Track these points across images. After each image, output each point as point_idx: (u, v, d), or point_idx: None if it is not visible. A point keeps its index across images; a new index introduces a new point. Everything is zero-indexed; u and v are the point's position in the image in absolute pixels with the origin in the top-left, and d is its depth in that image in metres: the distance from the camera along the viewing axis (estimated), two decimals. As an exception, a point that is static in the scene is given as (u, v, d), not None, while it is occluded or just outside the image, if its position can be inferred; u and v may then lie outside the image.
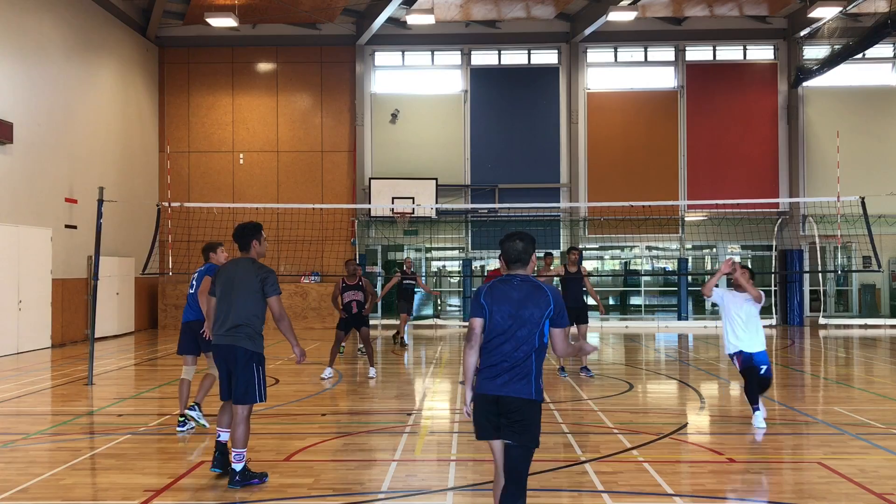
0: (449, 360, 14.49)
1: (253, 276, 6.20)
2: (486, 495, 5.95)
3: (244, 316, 6.19)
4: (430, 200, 22.23)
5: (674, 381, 12.05)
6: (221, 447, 6.43)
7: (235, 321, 6.18)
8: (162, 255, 19.06)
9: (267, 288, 6.21)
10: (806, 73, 23.36)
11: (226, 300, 6.24)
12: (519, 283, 4.65)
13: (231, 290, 6.23)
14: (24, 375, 12.68)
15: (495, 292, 4.63)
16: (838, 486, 6.12)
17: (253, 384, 6.16)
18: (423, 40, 24.27)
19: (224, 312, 6.23)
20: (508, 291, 4.61)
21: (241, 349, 6.15)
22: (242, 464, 6.10)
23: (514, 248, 4.71)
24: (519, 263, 4.71)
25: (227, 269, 6.40)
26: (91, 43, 19.79)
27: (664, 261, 26.01)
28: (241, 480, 6.08)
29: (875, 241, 13.37)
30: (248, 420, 6.19)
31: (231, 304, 6.21)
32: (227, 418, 6.40)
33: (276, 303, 6.24)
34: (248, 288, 6.19)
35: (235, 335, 6.17)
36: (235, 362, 6.16)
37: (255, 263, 6.33)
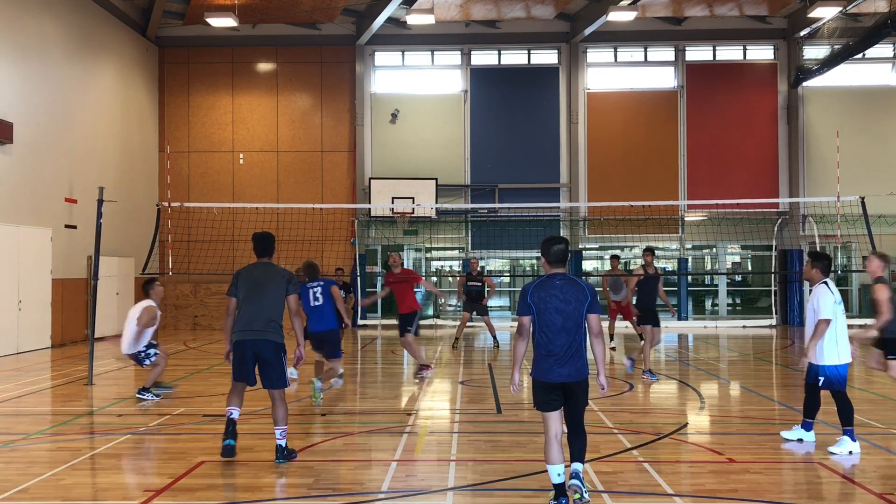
0: (449, 360, 14.49)
1: (280, 278, 6.99)
2: (487, 495, 5.95)
3: (275, 313, 6.94)
4: (430, 200, 22.23)
5: (674, 381, 12.05)
6: (233, 423, 7.03)
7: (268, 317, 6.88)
8: (162, 255, 19.05)
9: (290, 287, 7.01)
10: (806, 73, 23.35)
11: (254, 299, 6.91)
12: (560, 281, 5.44)
13: (261, 290, 6.93)
14: (24, 375, 12.68)
15: (541, 292, 5.42)
16: (838, 486, 6.12)
17: (284, 371, 6.96)
18: (423, 40, 24.27)
19: (253, 310, 6.89)
20: (553, 290, 5.41)
21: (271, 342, 6.87)
22: (285, 440, 6.84)
23: (559, 250, 5.50)
24: (559, 263, 5.51)
25: (251, 271, 7.08)
26: (91, 43, 19.79)
27: (664, 261, 26.00)
28: (289, 454, 6.84)
29: (875, 241, 13.36)
30: (285, 400, 7.01)
31: (261, 303, 6.90)
32: (238, 399, 7.11)
33: (294, 301, 7.05)
34: (277, 288, 6.95)
35: (266, 330, 6.86)
36: (266, 354, 6.85)
37: (278, 266, 7.14)
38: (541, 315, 5.40)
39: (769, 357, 15.51)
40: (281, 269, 7.06)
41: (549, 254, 5.51)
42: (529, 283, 5.54)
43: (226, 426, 7.03)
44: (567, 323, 5.38)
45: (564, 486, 5.42)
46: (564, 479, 5.44)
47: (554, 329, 5.38)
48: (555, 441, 5.44)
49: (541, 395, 5.50)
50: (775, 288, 23.51)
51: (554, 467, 5.42)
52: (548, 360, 5.42)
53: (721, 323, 23.34)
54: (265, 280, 6.98)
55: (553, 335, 5.39)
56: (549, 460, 5.45)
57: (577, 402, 5.50)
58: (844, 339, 7.35)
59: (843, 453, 7.08)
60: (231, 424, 7.03)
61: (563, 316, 5.37)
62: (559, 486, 5.43)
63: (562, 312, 5.37)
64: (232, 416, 7.05)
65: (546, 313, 5.38)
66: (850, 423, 7.19)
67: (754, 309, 25.15)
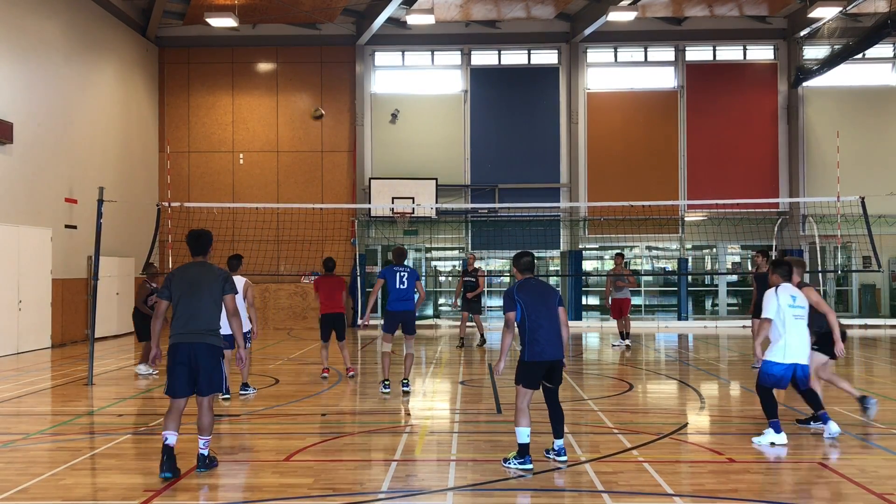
0: (449, 360, 14.49)
1: (217, 277, 6.61)
2: (486, 495, 5.95)
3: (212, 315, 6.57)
4: (430, 200, 22.24)
5: (674, 381, 12.05)
6: (169, 451, 6.30)
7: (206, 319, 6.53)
8: (162, 255, 19.08)
9: (227, 286, 6.63)
10: (806, 73, 23.36)
11: (189, 302, 6.50)
12: (535, 283, 6.82)
13: (197, 292, 6.52)
14: (24, 375, 12.68)
15: (524, 293, 6.68)
16: (838, 486, 6.12)
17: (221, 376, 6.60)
18: (423, 40, 24.27)
19: (187, 313, 6.49)
20: (532, 290, 6.74)
21: (208, 346, 6.49)
22: (207, 450, 6.55)
23: (528, 261, 6.90)
24: (529, 271, 6.90)
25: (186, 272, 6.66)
26: (91, 43, 19.79)
27: (664, 261, 26.01)
28: (210, 464, 6.55)
29: (875, 241, 13.38)
30: (212, 408, 6.61)
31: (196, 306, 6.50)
32: (176, 423, 6.39)
33: (231, 301, 6.68)
34: (212, 290, 6.56)
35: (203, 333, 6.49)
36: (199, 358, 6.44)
37: (214, 266, 6.75)
38: (529, 309, 6.62)
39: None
40: (217, 269, 6.68)
41: (521, 264, 6.89)
42: (512, 285, 6.77)
43: (161, 454, 6.30)
44: (549, 313, 6.68)
45: (529, 445, 6.62)
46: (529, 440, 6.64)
47: (541, 318, 6.63)
48: (527, 409, 6.68)
49: (533, 375, 6.69)
50: (775, 288, 23.46)
51: (524, 429, 6.58)
52: (540, 343, 6.62)
53: (721, 323, 23.33)
54: (201, 280, 6.54)
55: (542, 322, 6.63)
56: (523, 424, 6.59)
57: (558, 379, 6.83)
58: (795, 342, 7.57)
59: (764, 443, 7.44)
60: (167, 451, 6.28)
61: (545, 308, 6.67)
62: (526, 445, 6.58)
63: (544, 305, 6.67)
64: (168, 442, 6.29)
65: (533, 307, 6.63)
66: (774, 415, 7.56)
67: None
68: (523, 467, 6.52)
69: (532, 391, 6.71)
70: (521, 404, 6.66)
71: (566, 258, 23.99)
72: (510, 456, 6.68)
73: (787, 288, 7.71)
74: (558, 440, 6.82)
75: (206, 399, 6.54)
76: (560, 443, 6.82)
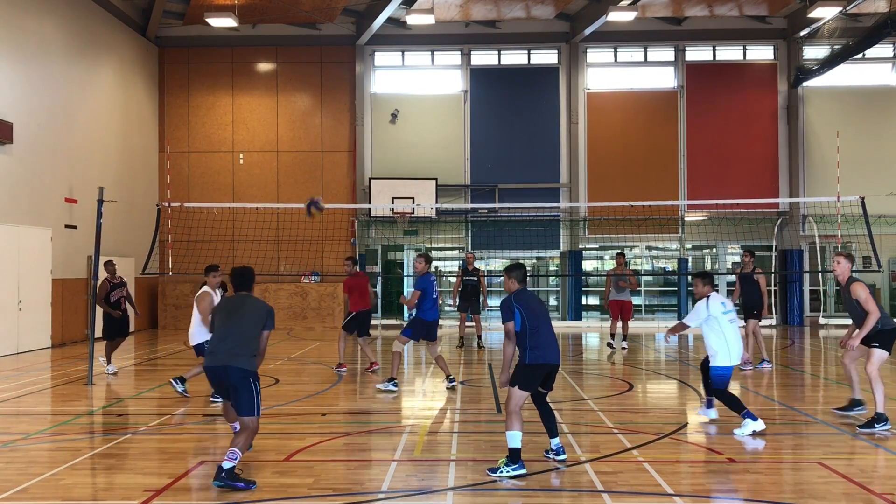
0: (448, 361, 14.48)
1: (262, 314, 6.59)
2: (486, 495, 5.95)
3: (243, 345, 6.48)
4: (430, 200, 22.24)
5: (674, 381, 12.05)
6: None
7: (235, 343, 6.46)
8: (162, 256, 19.09)
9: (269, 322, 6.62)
10: (806, 73, 23.35)
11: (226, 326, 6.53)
12: (529, 293, 6.92)
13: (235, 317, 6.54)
14: (24, 375, 12.68)
15: (522, 301, 6.74)
16: (838, 486, 6.12)
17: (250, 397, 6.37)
18: (423, 40, 24.27)
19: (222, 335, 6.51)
20: (531, 300, 6.83)
21: (236, 368, 6.35)
22: (233, 464, 6.11)
23: (523, 273, 6.95)
24: (523, 283, 6.94)
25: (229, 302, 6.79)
26: (91, 43, 19.79)
27: (664, 261, 26.01)
28: (227, 478, 6.05)
29: (875, 241, 13.37)
30: (254, 433, 6.42)
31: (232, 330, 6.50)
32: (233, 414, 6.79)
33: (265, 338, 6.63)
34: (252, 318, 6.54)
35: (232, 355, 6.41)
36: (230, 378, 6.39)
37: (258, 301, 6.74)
38: (529, 314, 6.69)
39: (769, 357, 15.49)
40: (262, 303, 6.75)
41: (518, 275, 6.91)
42: (509, 296, 6.81)
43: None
44: (546, 320, 6.84)
45: (521, 450, 6.49)
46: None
47: (541, 323, 6.75)
48: (520, 413, 6.61)
49: (534, 378, 6.71)
50: (775, 288, 23.50)
51: (517, 434, 6.45)
52: (542, 347, 6.68)
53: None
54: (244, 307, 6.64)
55: (542, 327, 6.74)
56: (516, 427, 6.46)
57: (552, 382, 6.97)
58: (735, 344, 8.27)
59: (747, 434, 7.77)
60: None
61: (543, 314, 6.83)
62: (519, 450, 6.44)
63: (541, 311, 6.84)
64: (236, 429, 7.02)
65: (534, 313, 6.73)
66: (742, 408, 7.99)
67: (754, 309, 25.12)
68: (516, 473, 6.33)
69: (527, 394, 6.67)
70: (515, 407, 6.57)
71: (566, 258, 24.00)
72: (500, 463, 6.44)
73: (716, 297, 8.40)
74: (554, 439, 6.86)
75: (246, 420, 6.37)
76: (557, 441, 6.85)
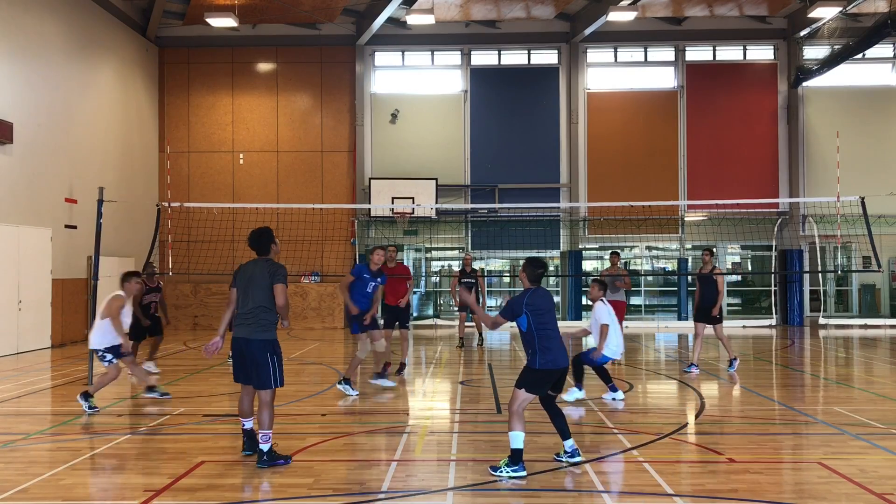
0: (449, 360, 14.48)
1: (266, 273, 6.80)
2: (487, 495, 5.95)
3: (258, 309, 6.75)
4: (430, 200, 22.24)
5: (674, 381, 12.05)
6: (249, 433, 7.09)
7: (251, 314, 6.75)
8: (162, 256, 19.07)
9: (276, 277, 6.76)
10: (806, 73, 23.36)
11: (244, 295, 6.82)
12: (542, 293, 6.81)
13: (249, 286, 6.81)
14: (24, 375, 12.68)
15: (534, 300, 6.67)
16: (838, 486, 6.12)
17: (268, 371, 6.73)
18: (423, 40, 24.27)
19: (243, 307, 6.81)
20: (542, 299, 6.74)
21: (256, 342, 6.71)
22: (269, 444, 6.68)
23: (542, 274, 6.88)
24: (538, 282, 6.86)
25: (246, 267, 6.95)
26: (91, 43, 19.79)
27: (664, 261, 26.01)
28: (269, 460, 6.66)
29: (875, 241, 13.37)
30: (271, 404, 6.80)
31: (249, 298, 6.78)
32: (248, 407, 7.05)
33: (280, 291, 6.76)
34: (262, 283, 6.77)
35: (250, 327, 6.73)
36: (251, 352, 6.72)
37: (270, 262, 6.93)
38: (539, 317, 6.64)
39: (769, 357, 15.51)
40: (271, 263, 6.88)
41: (535, 275, 6.82)
42: (520, 294, 6.77)
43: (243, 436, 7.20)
44: (555, 322, 6.80)
45: (522, 451, 6.47)
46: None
47: (551, 327, 6.69)
48: (523, 414, 6.58)
49: (543, 383, 6.66)
50: (775, 288, 23.51)
51: (520, 434, 6.43)
52: (552, 351, 6.62)
53: (721, 323, 23.28)
54: (256, 275, 6.84)
55: (552, 331, 6.69)
56: (518, 428, 6.43)
57: (562, 384, 6.92)
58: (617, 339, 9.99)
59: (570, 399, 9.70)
60: (246, 434, 7.15)
61: (552, 317, 6.79)
62: (521, 451, 6.43)
63: (551, 314, 6.78)
64: (245, 427, 7.14)
65: (543, 315, 6.66)
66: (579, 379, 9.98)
67: (754, 309, 25.17)
68: (517, 475, 6.32)
69: (532, 397, 6.62)
70: (518, 409, 6.52)
71: (566, 258, 23.99)
72: (501, 463, 6.44)
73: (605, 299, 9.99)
74: (567, 441, 6.74)
75: (263, 394, 6.75)
76: (570, 443, 6.75)
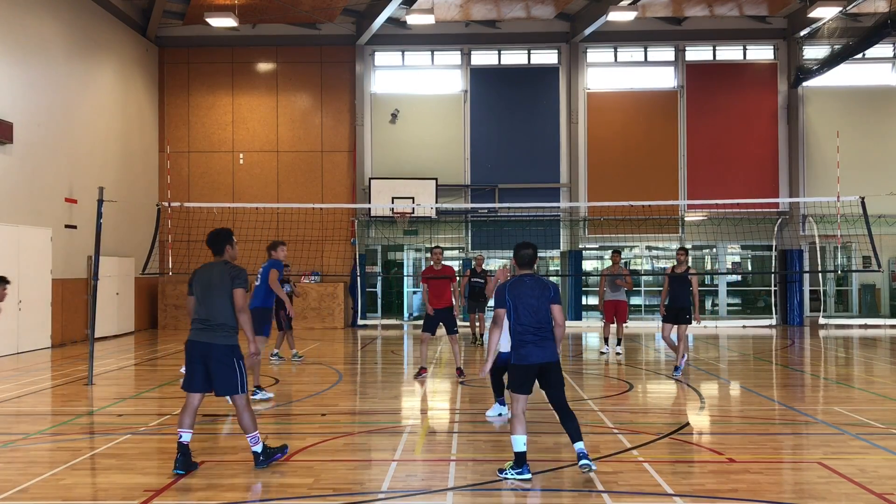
0: (449, 360, 14.48)
1: (227, 277, 6.60)
2: (487, 495, 5.95)
3: (220, 315, 6.57)
4: (430, 200, 22.24)
5: (674, 381, 12.04)
6: (184, 448, 6.50)
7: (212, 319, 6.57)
8: (162, 256, 19.06)
9: (236, 282, 6.60)
10: (806, 73, 23.36)
11: (201, 300, 6.62)
12: (529, 280, 6.44)
13: (208, 291, 6.61)
14: (24, 375, 12.68)
15: (515, 290, 6.38)
16: (838, 486, 6.12)
17: (236, 376, 6.55)
18: (423, 40, 24.27)
19: (201, 311, 6.60)
20: (524, 288, 6.40)
21: (218, 346, 6.51)
22: (261, 444, 6.61)
23: (526, 254, 6.51)
24: (528, 266, 6.52)
25: (202, 272, 6.75)
26: (91, 43, 19.79)
27: (664, 261, 26.00)
28: (266, 459, 6.61)
29: (875, 241, 13.37)
30: (248, 406, 6.65)
31: (207, 304, 6.58)
32: (190, 419, 6.59)
33: (240, 296, 6.60)
34: (223, 288, 6.58)
35: (212, 332, 6.54)
36: (213, 358, 6.51)
37: (228, 265, 6.75)
38: (517, 309, 6.37)
39: (769, 357, 15.51)
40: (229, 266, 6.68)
41: (519, 258, 6.53)
42: (504, 282, 6.52)
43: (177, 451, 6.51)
44: (538, 314, 6.37)
45: (526, 454, 6.28)
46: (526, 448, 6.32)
47: (527, 319, 6.35)
48: (522, 416, 6.35)
49: (519, 379, 6.38)
50: (775, 288, 23.51)
51: (520, 437, 6.24)
52: (526, 346, 6.34)
53: (721, 323, 23.34)
54: (213, 279, 6.63)
55: (528, 323, 6.35)
56: (517, 431, 6.25)
57: (555, 383, 6.44)
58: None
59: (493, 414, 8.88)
60: (180, 450, 6.48)
61: (534, 308, 6.36)
62: (523, 454, 6.25)
63: (533, 305, 6.36)
64: (182, 440, 6.51)
65: (521, 307, 6.36)
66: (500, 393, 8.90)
67: (754, 309, 25.17)
68: (521, 478, 6.21)
69: (524, 396, 6.39)
70: (515, 410, 6.37)
71: (566, 258, 24.00)
72: (507, 466, 6.35)
73: None
74: (577, 444, 6.36)
75: (237, 399, 6.58)
76: (579, 446, 6.35)
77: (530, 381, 6.41)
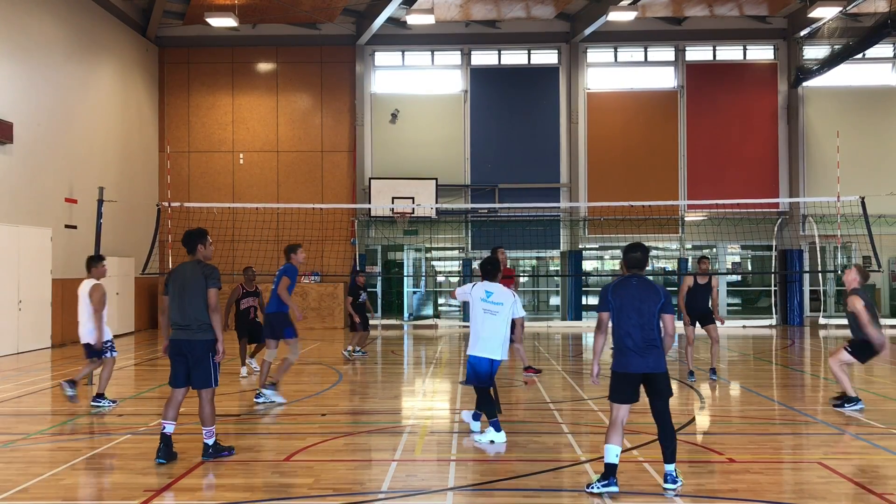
0: (449, 360, 14.48)
1: (200, 276, 6.86)
2: (487, 495, 5.95)
3: (196, 313, 6.83)
4: (430, 200, 22.24)
5: (674, 382, 12.04)
6: (166, 439, 6.88)
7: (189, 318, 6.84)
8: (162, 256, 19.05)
9: (209, 281, 6.85)
10: (806, 73, 23.36)
11: (178, 300, 6.87)
12: (636, 282, 6.04)
13: (183, 291, 6.86)
14: (24, 375, 12.68)
15: (618, 292, 6.01)
16: (838, 486, 6.12)
17: (208, 370, 6.89)
18: (423, 40, 24.27)
19: (178, 311, 6.87)
20: (631, 290, 6.00)
21: (198, 342, 6.82)
22: (213, 438, 6.94)
23: (636, 258, 6.12)
24: (636, 268, 6.12)
25: (176, 272, 7.00)
26: (91, 43, 19.79)
27: (664, 261, 26.00)
28: (214, 453, 6.92)
29: (875, 241, 13.38)
30: (212, 402, 6.99)
31: (183, 304, 6.84)
32: (174, 412, 6.96)
33: (213, 295, 6.85)
34: (197, 287, 6.83)
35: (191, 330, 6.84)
36: (193, 354, 6.84)
37: (201, 264, 6.99)
38: (620, 312, 5.97)
39: (769, 357, 15.51)
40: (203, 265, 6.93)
41: (628, 260, 6.15)
42: (609, 283, 6.18)
43: (160, 442, 6.87)
44: (643, 319, 5.93)
45: (616, 466, 5.89)
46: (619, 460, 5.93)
47: (631, 325, 5.93)
48: (620, 425, 5.97)
49: (619, 387, 6.02)
50: (775, 288, 23.51)
51: (613, 447, 5.88)
52: (626, 354, 5.96)
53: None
54: (188, 278, 6.89)
55: (632, 330, 5.93)
56: (612, 441, 5.90)
57: (660, 394, 5.99)
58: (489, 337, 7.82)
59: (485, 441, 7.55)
60: (163, 440, 6.86)
61: (639, 313, 5.93)
62: (613, 466, 5.89)
63: (638, 310, 5.94)
64: (165, 431, 6.88)
65: (624, 311, 5.96)
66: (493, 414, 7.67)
67: (754, 309, 25.16)
68: (605, 490, 5.85)
69: (623, 406, 6.00)
70: (614, 419, 5.99)
71: (566, 258, 24.00)
72: (594, 479, 6.00)
73: (485, 284, 7.91)
74: (668, 465, 5.95)
75: (203, 392, 6.91)
76: (670, 468, 5.93)
77: (629, 390, 5.99)
